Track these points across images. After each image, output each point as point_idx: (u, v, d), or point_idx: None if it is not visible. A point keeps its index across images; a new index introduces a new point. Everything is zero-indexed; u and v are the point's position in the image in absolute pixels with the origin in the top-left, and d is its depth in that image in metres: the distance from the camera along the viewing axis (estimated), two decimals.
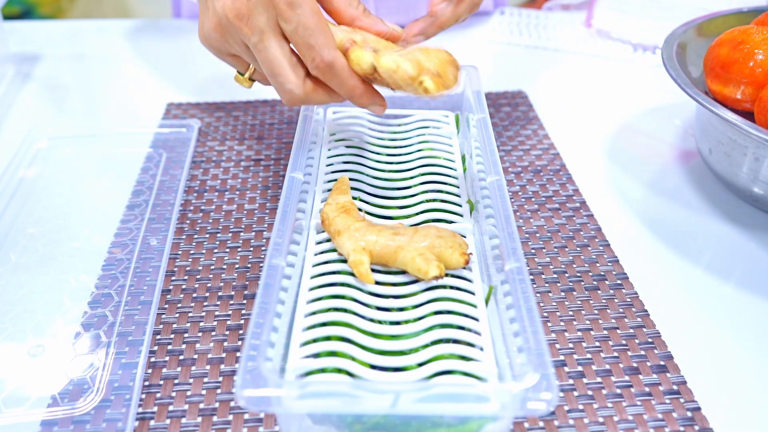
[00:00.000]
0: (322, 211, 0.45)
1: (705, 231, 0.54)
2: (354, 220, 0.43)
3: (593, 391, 0.40)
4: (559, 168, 0.60)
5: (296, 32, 0.40)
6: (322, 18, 0.41)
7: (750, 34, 0.51)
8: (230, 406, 0.39)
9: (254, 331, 0.34)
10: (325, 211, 0.44)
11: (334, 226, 0.43)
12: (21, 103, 0.71)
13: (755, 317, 0.46)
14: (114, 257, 0.50)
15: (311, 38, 0.40)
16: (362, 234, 0.41)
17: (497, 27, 0.86)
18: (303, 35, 0.40)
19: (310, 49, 0.41)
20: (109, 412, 0.39)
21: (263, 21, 0.41)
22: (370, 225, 0.43)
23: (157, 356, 0.43)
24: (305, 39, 0.40)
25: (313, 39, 0.40)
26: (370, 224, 0.43)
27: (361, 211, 0.45)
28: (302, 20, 0.40)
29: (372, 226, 0.42)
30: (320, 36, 0.40)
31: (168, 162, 0.60)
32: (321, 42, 0.40)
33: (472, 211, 0.48)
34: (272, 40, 0.41)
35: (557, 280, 0.48)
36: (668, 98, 0.72)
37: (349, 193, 0.47)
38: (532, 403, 0.31)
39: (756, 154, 0.50)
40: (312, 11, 0.40)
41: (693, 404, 0.39)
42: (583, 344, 0.43)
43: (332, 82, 0.42)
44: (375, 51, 0.42)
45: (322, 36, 0.40)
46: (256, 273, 0.49)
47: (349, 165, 0.51)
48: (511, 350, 0.36)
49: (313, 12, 0.40)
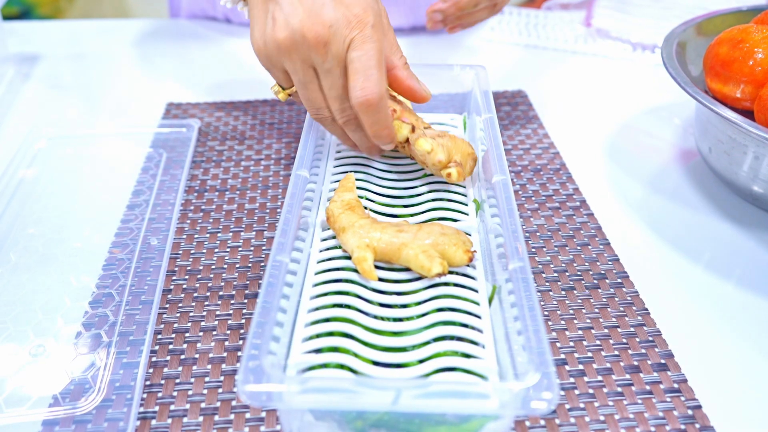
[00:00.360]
0: (327, 208, 0.45)
1: (705, 230, 0.54)
2: (358, 217, 0.43)
3: (594, 389, 0.40)
4: (559, 167, 0.60)
5: (360, 60, 0.42)
6: (383, 59, 0.43)
7: (749, 33, 0.52)
8: (232, 405, 0.40)
9: (257, 326, 0.34)
10: (330, 207, 0.45)
11: (339, 223, 0.43)
12: (21, 103, 0.71)
13: (755, 315, 0.46)
14: (115, 257, 0.50)
15: (371, 70, 0.42)
16: (366, 231, 0.42)
17: (497, 26, 0.86)
18: (366, 65, 0.42)
19: (366, 79, 0.42)
20: (111, 411, 0.39)
21: (340, 49, 0.42)
22: (375, 222, 0.43)
23: (158, 356, 0.43)
24: (366, 69, 0.42)
25: (372, 71, 0.42)
26: (375, 221, 0.43)
27: (366, 209, 0.45)
28: (369, 53, 0.42)
29: (376, 223, 0.43)
30: (379, 72, 0.42)
31: (168, 162, 0.60)
32: (377, 76, 0.42)
33: (478, 210, 0.48)
34: (341, 69, 0.43)
35: (558, 279, 0.48)
36: (668, 97, 0.72)
37: (355, 191, 0.47)
38: (533, 402, 0.31)
39: (756, 152, 0.50)
40: (380, 49, 0.43)
41: (694, 402, 0.40)
42: (583, 343, 0.43)
43: (371, 116, 0.43)
44: (411, 126, 0.47)
45: (380, 72, 0.42)
46: (256, 272, 0.49)
47: (356, 166, 0.51)
48: (514, 349, 0.36)
49: (380, 50, 0.43)
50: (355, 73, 0.42)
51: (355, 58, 0.42)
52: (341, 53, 0.42)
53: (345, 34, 0.42)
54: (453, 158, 0.46)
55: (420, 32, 0.85)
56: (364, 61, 0.42)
